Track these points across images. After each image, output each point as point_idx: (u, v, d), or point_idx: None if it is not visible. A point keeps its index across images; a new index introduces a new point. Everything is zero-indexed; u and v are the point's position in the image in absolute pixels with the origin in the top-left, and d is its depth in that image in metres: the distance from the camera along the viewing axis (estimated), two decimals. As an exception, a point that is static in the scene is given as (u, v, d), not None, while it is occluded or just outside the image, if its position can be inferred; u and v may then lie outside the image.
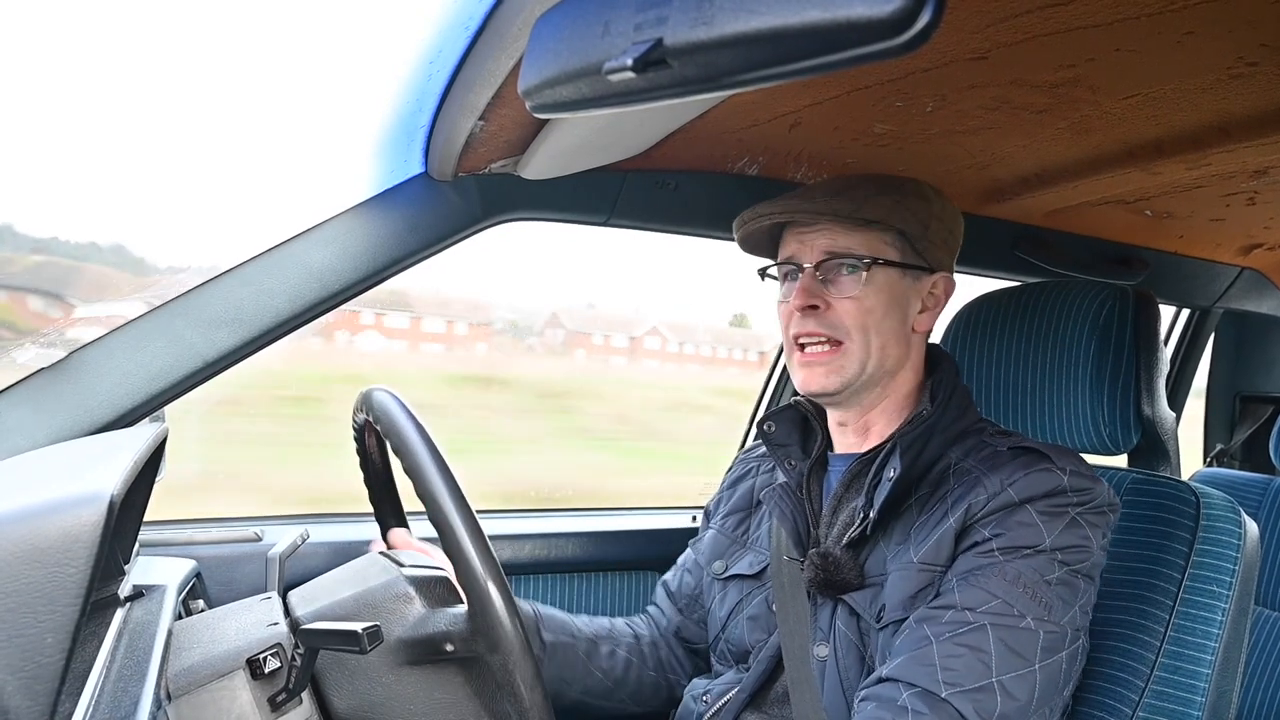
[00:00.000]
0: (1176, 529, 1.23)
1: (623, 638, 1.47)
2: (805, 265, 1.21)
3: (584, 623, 1.45)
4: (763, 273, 1.31)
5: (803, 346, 1.23)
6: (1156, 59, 1.12)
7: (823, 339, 1.20)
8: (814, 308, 1.20)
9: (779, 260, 1.27)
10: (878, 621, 1.13)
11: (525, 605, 1.38)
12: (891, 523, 1.18)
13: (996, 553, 1.08)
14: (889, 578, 1.14)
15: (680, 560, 1.54)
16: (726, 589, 1.37)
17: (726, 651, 1.35)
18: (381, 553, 1.22)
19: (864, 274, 1.18)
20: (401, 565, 1.13)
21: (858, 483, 1.23)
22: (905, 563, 1.13)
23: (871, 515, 1.15)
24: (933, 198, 1.23)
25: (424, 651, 1.00)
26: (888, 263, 1.19)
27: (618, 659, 1.42)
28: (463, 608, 0.99)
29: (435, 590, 1.05)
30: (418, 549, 1.28)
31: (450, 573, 1.05)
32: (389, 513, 1.33)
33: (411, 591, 1.02)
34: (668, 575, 1.55)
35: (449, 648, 0.98)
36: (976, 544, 1.10)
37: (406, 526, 1.33)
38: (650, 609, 1.55)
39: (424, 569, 1.08)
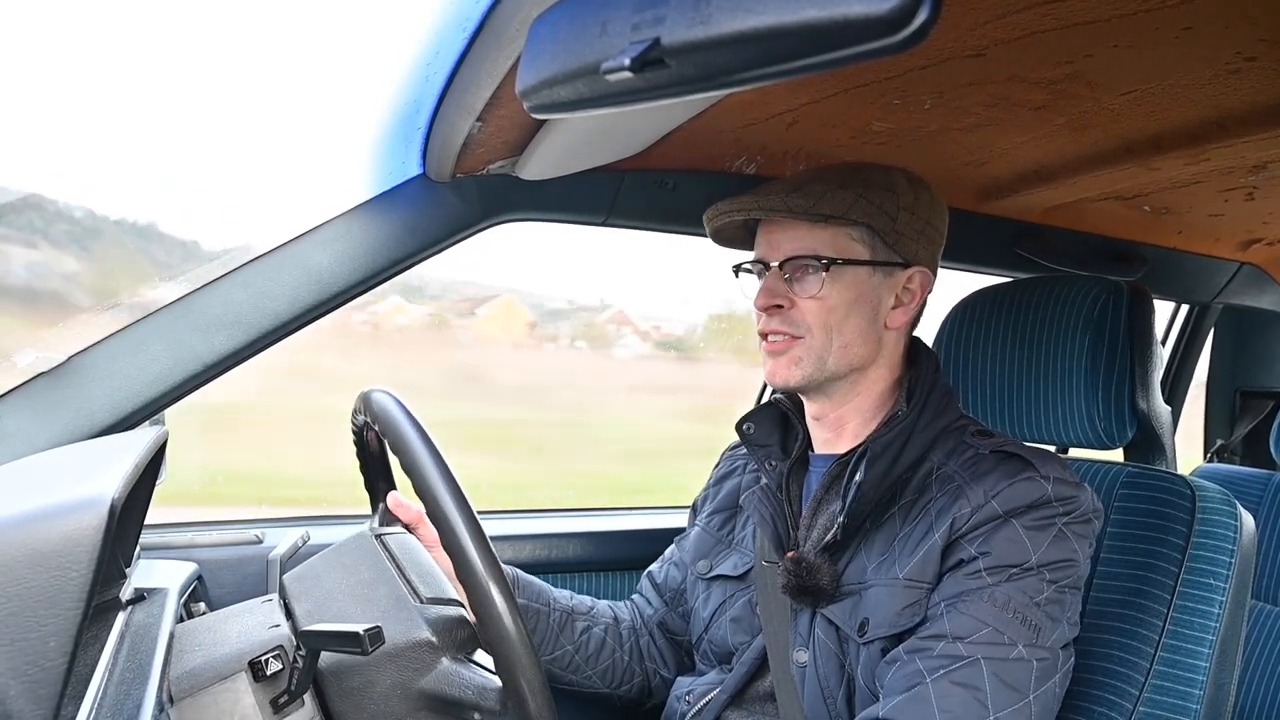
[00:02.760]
0: (1172, 523, 1.23)
1: (602, 618, 1.46)
2: (772, 264, 1.21)
3: (564, 596, 1.45)
4: (737, 269, 1.29)
5: (767, 339, 1.22)
6: (1154, 55, 1.12)
7: (784, 335, 1.20)
8: (778, 307, 1.20)
9: (753, 259, 1.26)
10: (860, 634, 1.12)
11: (505, 569, 1.38)
12: (873, 533, 1.17)
13: (984, 573, 1.06)
14: (873, 591, 1.13)
15: (666, 553, 1.53)
16: (710, 589, 1.37)
17: (709, 651, 1.34)
18: (377, 535, 1.20)
19: (824, 275, 1.17)
20: (400, 566, 1.12)
21: (836, 485, 1.22)
22: (890, 578, 1.12)
23: (840, 520, 1.14)
24: (902, 189, 1.19)
25: (447, 709, 0.99)
26: (849, 261, 1.18)
27: (592, 636, 1.42)
28: (494, 681, 0.97)
29: (456, 636, 1.03)
30: (409, 515, 1.30)
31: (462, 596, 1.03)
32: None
33: (434, 640, 1.00)
34: (653, 566, 1.54)
35: (476, 717, 0.97)
36: (963, 562, 1.08)
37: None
38: (635, 597, 1.54)
39: (441, 607, 1.05)
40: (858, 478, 1.14)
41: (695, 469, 1.63)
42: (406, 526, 1.32)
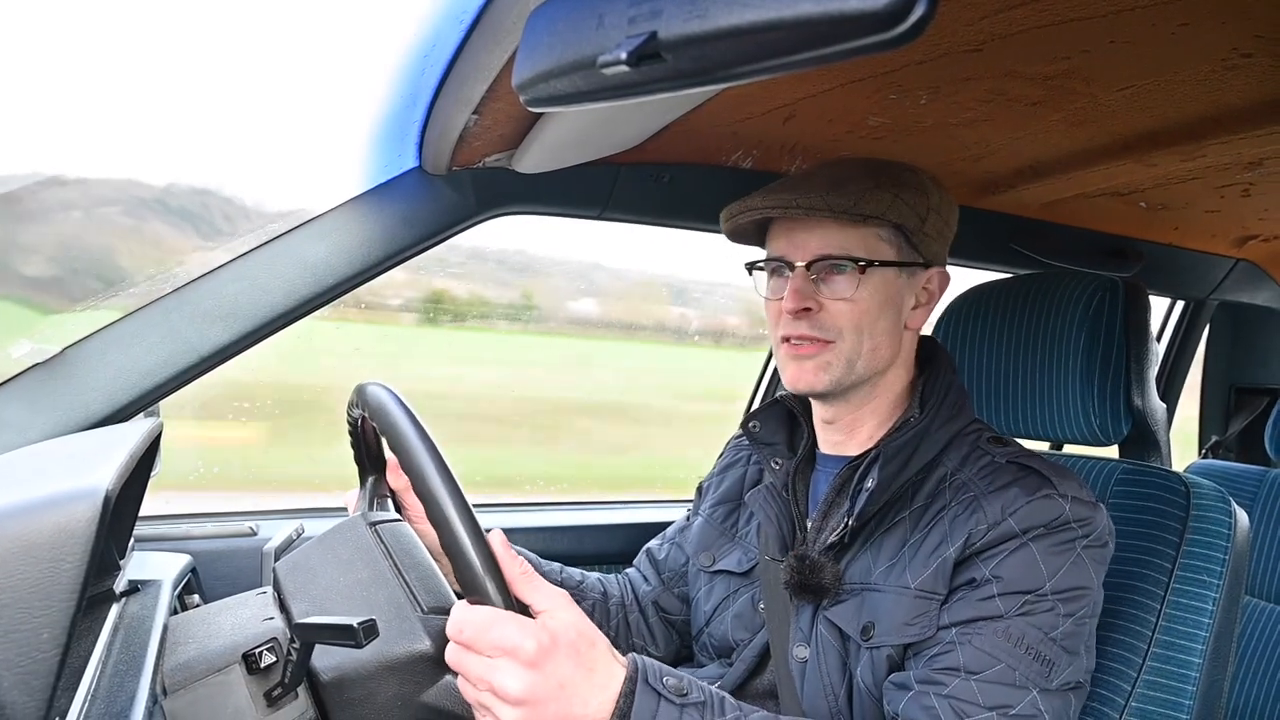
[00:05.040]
0: (1167, 519, 1.23)
1: (590, 593, 1.46)
2: (797, 264, 1.16)
3: (553, 570, 1.45)
4: (750, 267, 1.25)
5: (791, 342, 1.18)
6: (1151, 51, 1.12)
7: (813, 339, 1.16)
8: (806, 309, 1.15)
9: (768, 256, 1.22)
10: (864, 637, 1.10)
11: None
12: (882, 536, 1.15)
13: (996, 599, 1.04)
14: (880, 596, 1.11)
15: (669, 531, 1.52)
16: (713, 583, 1.36)
17: (708, 644, 1.34)
18: (371, 523, 1.19)
19: (859, 276, 1.14)
20: (398, 566, 1.11)
21: (846, 488, 1.20)
22: (901, 586, 1.10)
23: (849, 523, 1.12)
24: (931, 189, 1.18)
25: None
26: (883, 263, 1.15)
27: None
28: None
29: None
30: (399, 483, 1.31)
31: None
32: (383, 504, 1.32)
33: (437, 653, 0.98)
34: (654, 542, 1.53)
35: None
36: (975, 582, 1.06)
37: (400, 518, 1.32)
38: (631, 573, 1.53)
39: (442, 617, 1.01)
40: (868, 484, 1.13)
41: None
42: (394, 497, 1.33)
